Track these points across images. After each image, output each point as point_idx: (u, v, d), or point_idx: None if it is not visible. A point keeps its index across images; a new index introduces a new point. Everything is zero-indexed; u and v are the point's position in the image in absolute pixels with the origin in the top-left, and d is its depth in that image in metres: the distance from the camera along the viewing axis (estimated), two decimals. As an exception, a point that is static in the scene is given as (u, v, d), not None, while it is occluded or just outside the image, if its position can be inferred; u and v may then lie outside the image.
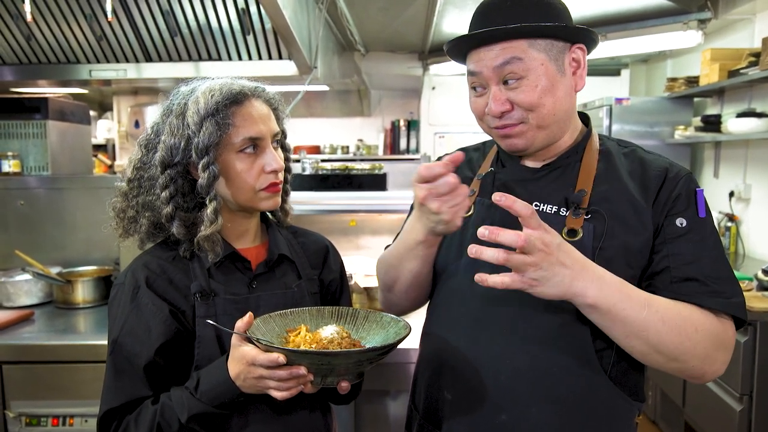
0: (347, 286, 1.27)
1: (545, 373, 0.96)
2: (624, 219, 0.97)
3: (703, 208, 0.98)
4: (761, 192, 3.36)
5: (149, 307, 1.03)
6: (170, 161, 1.03)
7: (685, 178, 1.00)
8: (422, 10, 3.38)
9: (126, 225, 1.11)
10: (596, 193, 0.99)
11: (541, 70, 0.96)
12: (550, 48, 0.97)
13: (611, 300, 0.88)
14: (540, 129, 0.99)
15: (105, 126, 5.75)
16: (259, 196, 1.07)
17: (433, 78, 5.08)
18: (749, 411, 2.36)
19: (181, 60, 2.55)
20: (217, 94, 1.01)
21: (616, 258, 0.95)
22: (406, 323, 0.99)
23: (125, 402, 1.00)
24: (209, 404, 0.96)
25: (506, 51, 0.95)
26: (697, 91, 3.71)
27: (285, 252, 1.15)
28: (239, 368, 0.94)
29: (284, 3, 2.11)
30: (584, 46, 1.01)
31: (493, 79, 0.98)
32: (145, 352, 1.00)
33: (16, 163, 2.35)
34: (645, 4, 3.16)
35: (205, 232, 1.03)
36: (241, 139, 1.02)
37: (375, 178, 2.23)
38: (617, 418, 0.99)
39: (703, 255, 0.96)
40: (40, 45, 2.49)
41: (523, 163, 1.08)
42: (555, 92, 0.97)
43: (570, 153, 1.05)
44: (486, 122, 1.03)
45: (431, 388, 1.08)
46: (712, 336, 0.92)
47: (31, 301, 2.05)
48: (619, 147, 1.07)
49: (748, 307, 2.30)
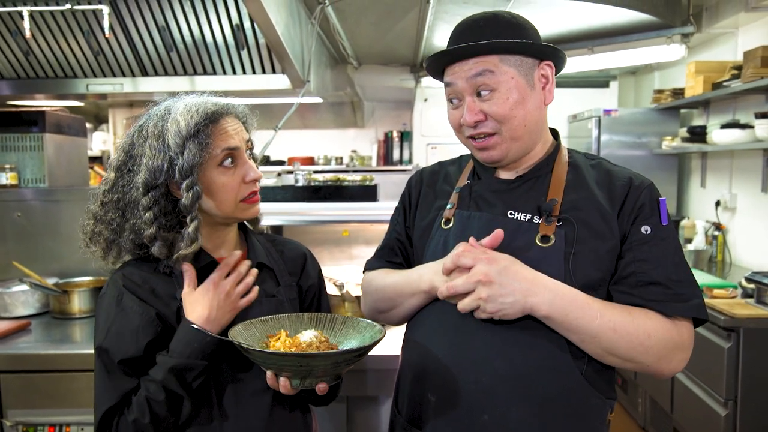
0: (325, 292, 1.32)
1: (524, 375, 1.01)
2: (592, 226, 1.03)
3: (665, 216, 1.05)
4: (746, 201, 3.42)
5: (135, 309, 1.06)
6: (153, 183, 1.05)
7: (648, 188, 1.07)
8: (413, 24, 3.45)
9: (105, 246, 1.13)
10: (566, 201, 1.06)
11: (512, 84, 1.03)
12: (520, 64, 1.04)
13: (564, 311, 0.98)
14: (513, 140, 1.06)
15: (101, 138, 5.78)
16: (240, 207, 1.11)
17: (425, 90, 5.15)
18: (734, 416, 2.40)
19: (176, 74, 2.60)
20: (195, 115, 1.04)
21: (585, 262, 1.02)
22: (381, 327, 1.04)
23: (122, 398, 1.04)
24: (181, 356, 1.02)
25: (479, 64, 1.03)
26: (683, 103, 3.79)
27: (263, 260, 1.19)
28: (207, 302, 1.05)
29: (277, 19, 2.17)
30: (552, 63, 1.08)
31: (468, 90, 1.04)
32: (133, 350, 1.04)
33: (14, 176, 2.38)
34: (630, 19, 3.23)
35: (184, 251, 1.06)
36: (219, 151, 1.06)
37: (366, 190, 2.28)
38: (592, 415, 1.04)
39: (666, 260, 1.02)
40: (38, 60, 2.54)
41: (497, 175, 1.14)
42: (525, 105, 1.04)
43: (541, 165, 1.11)
44: (462, 133, 1.10)
45: (414, 391, 1.12)
46: (665, 340, 1.00)
47: (28, 312, 2.07)
48: (586, 159, 1.14)
49: (733, 314, 2.36)
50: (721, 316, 2.38)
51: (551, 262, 1.01)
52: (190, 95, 1.12)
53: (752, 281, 2.54)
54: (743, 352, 2.36)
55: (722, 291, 2.60)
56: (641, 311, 1.01)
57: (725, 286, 2.68)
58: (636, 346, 0.99)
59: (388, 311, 1.21)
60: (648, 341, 0.99)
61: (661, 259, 1.02)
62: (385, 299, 1.20)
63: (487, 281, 0.96)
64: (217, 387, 1.09)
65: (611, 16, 3.20)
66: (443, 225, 1.14)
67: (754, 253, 3.33)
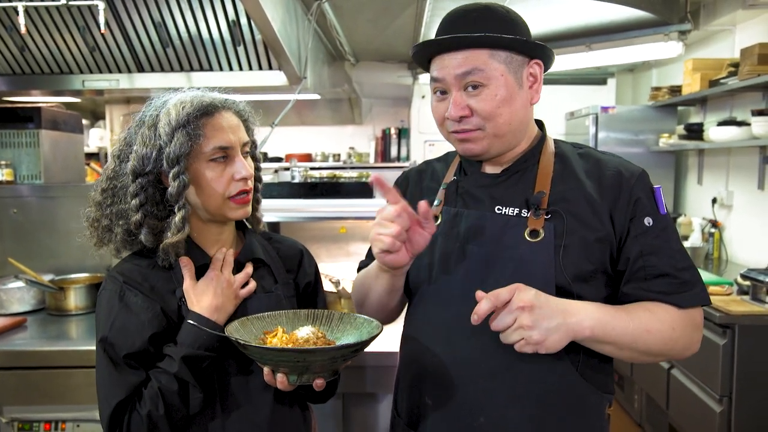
0: (322, 289, 1.32)
1: (521, 374, 1.01)
2: (581, 217, 1.02)
3: (662, 204, 1.05)
4: (743, 199, 3.43)
5: (139, 304, 1.06)
6: (141, 170, 1.06)
7: (639, 177, 1.05)
8: (410, 21, 3.44)
9: (100, 234, 1.14)
10: (554, 193, 1.04)
11: (501, 81, 1.01)
12: (510, 60, 1.02)
13: (603, 321, 0.96)
14: (496, 138, 1.04)
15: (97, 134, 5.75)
16: (228, 205, 1.10)
17: (423, 87, 5.14)
18: (729, 412, 2.41)
19: (173, 70, 2.59)
20: (188, 106, 1.04)
21: (576, 254, 1.00)
22: (378, 323, 1.04)
23: (132, 391, 1.03)
24: (192, 347, 1.02)
25: (468, 60, 1.00)
26: (681, 100, 3.80)
27: (260, 256, 1.19)
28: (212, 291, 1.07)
29: (273, 15, 2.16)
30: (541, 62, 1.06)
31: (455, 85, 1.02)
32: (138, 342, 1.04)
33: (9, 172, 2.38)
34: (628, 16, 3.23)
35: (171, 239, 1.06)
36: (211, 149, 1.06)
37: (363, 186, 2.28)
38: (590, 411, 1.04)
39: (670, 249, 1.02)
40: (33, 56, 2.53)
41: (483, 170, 1.12)
42: (512, 103, 1.02)
43: (527, 157, 1.09)
44: (446, 127, 1.07)
45: (412, 395, 1.12)
46: (686, 328, 1.01)
47: (24, 308, 2.07)
48: (573, 149, 1.12)
49: (728, 310, 2.36)
50: (716, 313, 2.38)
51: (541, 257, 1.00)
52: (192, 90, 1.12)
53: (748, 278, 2.55)
54: (738, 349, 2.37)
55: (718, 288, 2.61)
56: (657, 306, 1.00)
57: (721, 283, 2.69)
58: (667, 341, 0.99)
59: (363, 303, 1.20)
60: (674, 333, 0.99)
61: (665, 249, 1.02)
62: (358, 291, 1.22)
63: (528, 306, 0.90)
64: (220, 384, 1.09)
65: (609, 12, 3.20)
66: None
67: (750, 250, 3.34)
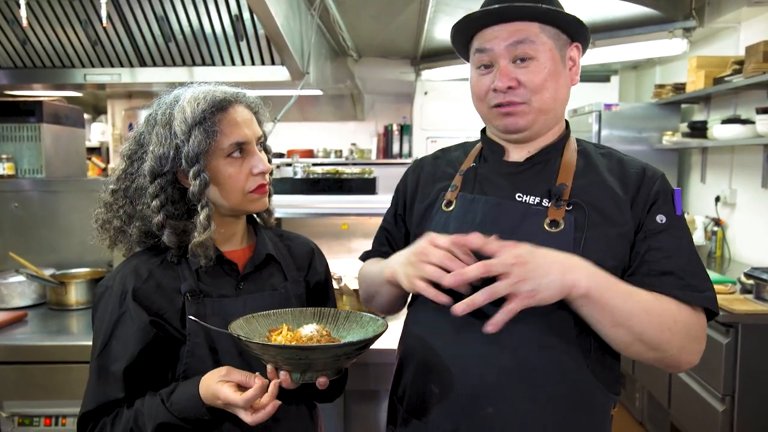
0: (332, 288, 1.31)
1: (531, 371, 0.99)
2: (604, 211, 1.01)
3: (680, 206, 1.04)
4: (746, 197, 3.42)
5: (131, 314, 1.05)
6: (160, 171, 1.05)
7: (662, 178, 1.06)
8: (413, 17, 3.43)
9: (113, 235, 1.13)
10: (576, 186, 1.03)
11: (549, 55, 1.01)
12: (557, 37, 1.03)
13: (601, 287, 0.92)
14: (541, 113, 1.04)
15: (99, 129, 5.75)
16: (248, 198, 1.09)
17: (426, 83, 5.13)
18: (731, 411, 2.40)
19: (175, 65, 2.59)
20: (202, 102, 1.03)
21: (596, 249, 0.98)
22: (384, 322, 1.02)
23: (101, 404, 1.02)
24: (176, 415, 0.98)
25: (520, 31, 1.00)
26: (684, 98, 3.77)
27: (271, 251, 1.18)
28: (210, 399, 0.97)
29: (276, 10, 2.15)
30: (581, 46, 1.07)
31: (505, 56, 1.01)
32: (125, 357, 1.03)
33: (11, 166, 2.37)
34: (632, 13, 3.22)
35: (198, 238, 1.04)
36: (228, 145, 1.05)
37: (365, 182, 2.27)
38: (597, 410, 1.03)
39: (680, 250, 1.00)
40: (35, 49, 2.52)
41: (506, 158, 1.11)
42: (558, 79, 1.03)
43: (551, 149, 1.09)
44: (487, 101, 1.06)
45: (416, 383, 1.10)
46: (687, 327, 0.97)
47: (25, 303, 2.07)
48: (596, 148, 1.13)
49: (731, 309, 2.35)
50: (719, 312, 2.37)
51: (560, 248, 0.96)
52: (201, 84, 1.10)
53: (751, 277, 2.53)
54: (741, 348, 2.36)
55: (721, 286, 2.59)
56: (662, 296, 0.97)
57: (724, 281, 2.68)
58: (664, 331, 0.94)
59: (371, 300, 1.21)
60: (674, 326, 0.95)
61: (674, 249, 1.00)
62: (365, 288, 1.21)
63: (521, 262, 0.87)
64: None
65: (613, 9, 3.18)
66: (444, 207, 1.11)
67: (754, 248, 3.33)
